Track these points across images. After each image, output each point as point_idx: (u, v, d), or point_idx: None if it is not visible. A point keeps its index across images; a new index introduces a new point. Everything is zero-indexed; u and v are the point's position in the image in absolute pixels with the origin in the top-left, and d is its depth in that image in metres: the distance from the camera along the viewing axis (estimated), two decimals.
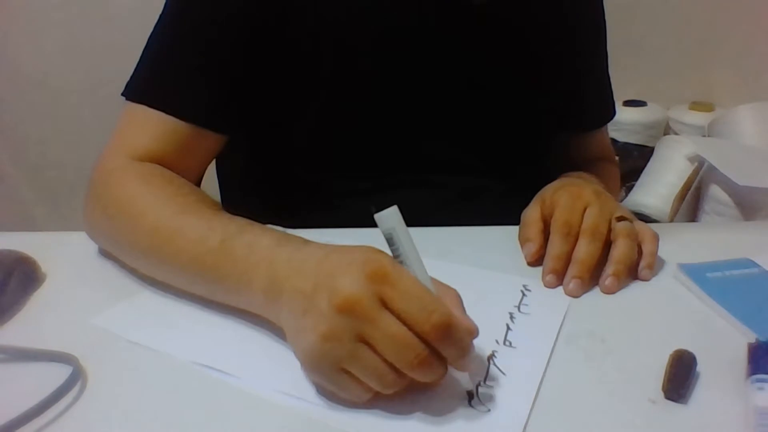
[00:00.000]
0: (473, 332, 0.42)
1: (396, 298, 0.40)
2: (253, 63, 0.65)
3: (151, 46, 0.65)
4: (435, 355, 0.40)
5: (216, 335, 0.50)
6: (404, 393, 0.42)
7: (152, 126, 0.62)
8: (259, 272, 0.47)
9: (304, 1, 0.64)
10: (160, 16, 0.65)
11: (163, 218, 0.55)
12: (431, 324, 0.39)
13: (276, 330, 0.48)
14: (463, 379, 0.44)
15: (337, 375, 0.41)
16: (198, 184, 0.71)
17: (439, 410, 0.42)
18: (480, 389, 0.44)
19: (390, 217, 0.41)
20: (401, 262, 0.42)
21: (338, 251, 0.44)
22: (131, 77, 0.65)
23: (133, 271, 0.59)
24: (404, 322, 0.40)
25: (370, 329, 0.40)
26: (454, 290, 0.44)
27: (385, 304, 0.40)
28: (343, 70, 0.66)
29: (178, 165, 0.63)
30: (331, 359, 0.41)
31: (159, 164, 0.62)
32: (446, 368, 0.42)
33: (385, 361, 0.40)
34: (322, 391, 0.44)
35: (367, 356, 0.40)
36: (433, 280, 0.43)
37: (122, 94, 0.64)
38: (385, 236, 0.42)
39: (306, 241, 0.48)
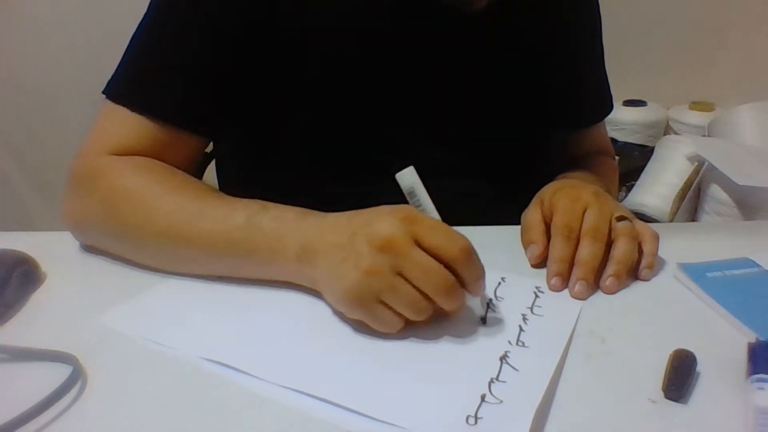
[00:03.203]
0: (483, 266, 0.50)
1: (426, 235, 0.47)
2: (236, 68, 0.64)
3: (134, 46, 0.65)
4: (458, 284, 0.48)
5: (224, 331, 0.51)
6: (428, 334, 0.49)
7: (132, 126, 0.62)
8: (290, 241, 0.53)
9: (290, 7, 0.63)
10: (144, 16, 0.65)
11: (179, 201, 0.57)
12: (458, 248, 0.47)
13: (280, 309, 0.51)
14: (476, 306, 0.52)
15: (377, 307, 0.47)
16: None
17: (433, 366, 0.47)
18: (492, 385, 0.44)
19: (410, 175, 0.51)
20: (422, 211, 0.51)
21: (363, 211, 0.51)
22: (113, 76, 0.65)
23: (133, 270, 0.59)
24: (435, 253, 0.47)
25: (406, 263, 0.47)
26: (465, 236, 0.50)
27: (416, 242, 0.47)
28: (330, 76, 0.66)
29: (163, 162, 0.63)
30: (372, 292, 0.47)
31: None
32: (464, 297, 0.49)
33: (418, 290, 0.47)
34: (325, 387, 0.44)
35: (403, 287, 0.47)
36: None
37: (103, 92, 0.64)
38: (406, 191, 0.52)
39: (324, 213, 0.54)
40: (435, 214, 0.52)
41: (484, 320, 0.52)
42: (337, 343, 0.49)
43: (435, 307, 0.48)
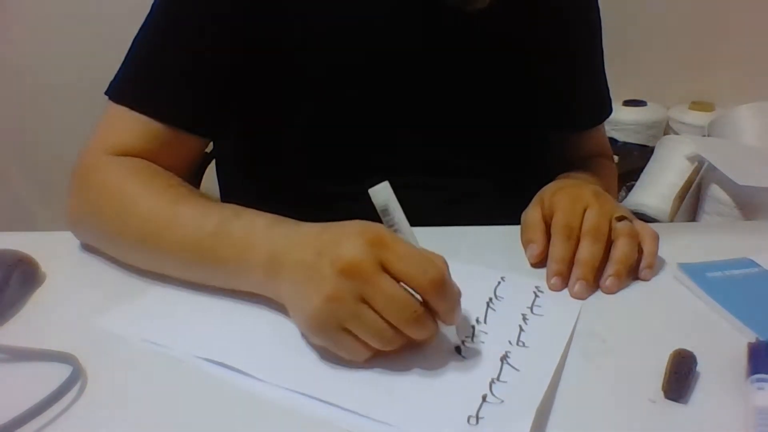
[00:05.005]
0: (459, 292, 0.46)
1: (395, 261, 0.44)
2: (237, 68, 0.65)
3: (136, 47, 0.65)
4: (428, 313, 0.44)
5: (223, 332, 0.51)
6: (400, 361, 0.46)
7: (134, 126, 0.62)
8: (258, 251, 0.50)
9: (291, 7, 0.64)
10: (147, 18, 0.65)
11: (157, 207, 0.57)
12: (428, 279, 0.43)
13: (279, 310, 0.51)
14: (450, 335, 0.48)
15: (340, 335, 0.44)
16: (197, 184, 0.71)
17: (433, 367, 0.46)
18: (493, 385, 0.44)
19: (384, 190, 0.46)
20: (396, 231, 0.47)
21: (335, 225, 0.48)
22: (115, 77, 0.65)
23: (133, 271, 0.59)
24: (403, 281, 0.44)
25: (371, 290, 0.43)
26: (442, 256, 0.46)
27: (384, 268, 0.44)
28: (330, 75, 0.66)
29: (161, 163, 0.63)
30: (335, 319, 0.44)
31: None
32: (437, 327, 0.46)
33: (384, 319, 0.43)
34: (328, 387, 0.44)
35: (367, 315, 0.43)
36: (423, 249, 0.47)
37: (105, 93, 0.64)
38: (379, 209, 0.47)
39: (299, 222, 0.51)
40: (410, 235, 0.47)
41: (458, 350, 0.47)
42: None
43: (405, 336, 0.45)
